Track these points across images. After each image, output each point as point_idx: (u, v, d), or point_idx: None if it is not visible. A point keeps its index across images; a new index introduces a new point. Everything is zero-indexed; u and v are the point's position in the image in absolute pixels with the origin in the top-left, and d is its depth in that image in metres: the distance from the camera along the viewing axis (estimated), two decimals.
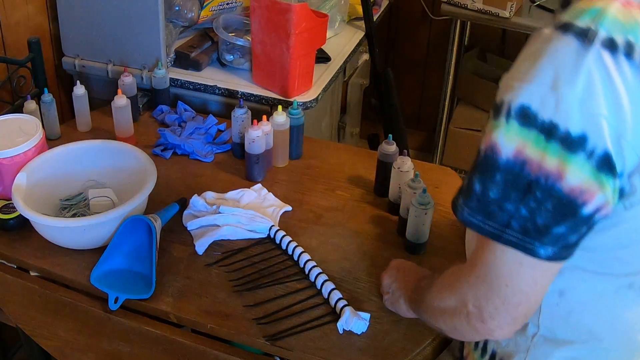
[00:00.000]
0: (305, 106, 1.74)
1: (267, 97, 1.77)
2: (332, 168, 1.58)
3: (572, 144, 0.71)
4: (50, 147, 1.41)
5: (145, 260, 1.23)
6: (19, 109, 1.60)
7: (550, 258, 0.77)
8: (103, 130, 1.66)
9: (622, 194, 0.75)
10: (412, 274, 1.12)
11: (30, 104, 1.55)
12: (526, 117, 0.72)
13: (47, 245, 1.29)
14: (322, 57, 1.94)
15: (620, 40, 0.70)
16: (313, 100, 1.77)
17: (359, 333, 1.13)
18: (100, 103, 1.77)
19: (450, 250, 1.32)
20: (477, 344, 1.02)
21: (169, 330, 1.17)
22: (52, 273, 1.27)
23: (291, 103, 1.63)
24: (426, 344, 1.12)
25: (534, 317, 0.91)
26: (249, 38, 1.81)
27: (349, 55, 2.05)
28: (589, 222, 0.75)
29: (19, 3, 1.77)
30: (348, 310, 1.13)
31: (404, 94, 2.90)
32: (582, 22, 0.72)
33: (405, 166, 1.36)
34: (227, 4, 2.00)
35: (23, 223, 1.32)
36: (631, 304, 0.88)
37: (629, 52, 0.70)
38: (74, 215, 1.35)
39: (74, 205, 1.38)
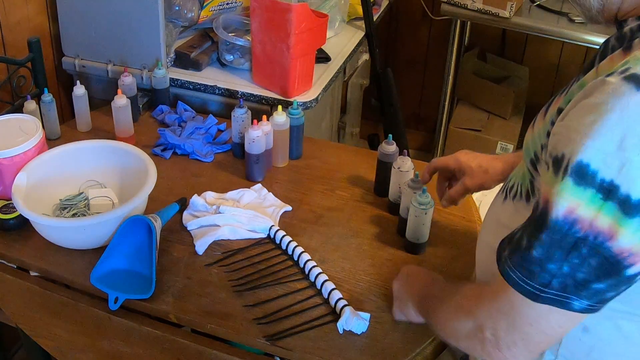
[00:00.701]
0: (305, 106, 1.74)
1: (267, 97, 1.77)
2: (332, 168, 1.58)
3: (632, 208, 0.67)
4: (50, 147, 1.41)
5: (145, 260, 1.23)
6: (19, 109, 1.60)
7: (584, 311, 0.75)
8: (103, 130, 1.66)
9: None
10: (420, 278, 1.10)
11: (30, 104, 1.55)
12: (583, 176, 0.68)
13: (47, 245, 1.29)
14: (322, 57, 1.94)
15: None
16: (313, 100, 1.77)
17: (359, 333, 1.13)
18: (100, 103, 1.77)
19: (450, 251, 1.32)
20: None
21: (169, 330, 1.17)
22: (52, 273, 1.27)
23: (291, 103, 1.63)
24: (426, 344, 1.12)
25: (554, 346, 0.89)
26: (249, 38, 1.81)
27: (349, 55, 2.05)
28: (630, 281, 0.73)
29: (19, 3, 1.77)
30: (348, 310, 1.13)
31: (404, 94, 2.90)
32: None
33: (405, 166, 1.36)
34: (227, 4, 2.00)
35: (23, 223, 1.32)
36: None
37: None
38: (74, 215, 1.35)
39: (74, 205, 1.38)
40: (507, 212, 0.96)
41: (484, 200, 1.50)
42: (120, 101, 1.57)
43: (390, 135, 1.45)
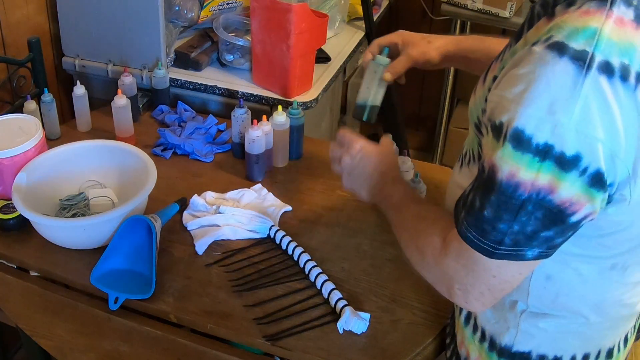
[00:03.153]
0: (305, 106, 1.74)
1: (267, 97, 1.77)
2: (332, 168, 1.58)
3: (566, 163, 0.72)
4: (50, 147, 1.41)
5: (145, 260, 1.23)
6: (19, 109, 1.60)
7: (537, 258, 0.81)
8: (103, 130, 1.66)
9: (609, 201, 0.78)
10: (376, 163, 1.09)
11: (30, 104, 1.55)
12: (520, 142, 0.73)
13: (47, 245, 1.29)
14: (322, 57, 1.94)
15: (616, 63, 0.71)
16: (313, 100, 1.77)
17: (359, 333, 1.13)
18: (100, 103, 1.77)
19: None
20: (467, 320, 1.04)
21: (169, 330, 1.17)
22: (52, 273, 1.27)
23: (291, 103, 1.63)
24: (426, 344, 1.12)
25: (523, 297, 0.94)
26: (249, 38, 1.81)
27: (349, 55, 2.05)
28: (575, 227, 0.79)
29: (19, 3, 1.77)
30: (348, 310, 1.13)
31: (404, 94, 2.90)
32: (577, 44, 0.71)
33: (405, 166, 1.36)
34: (227, 4, 2.00)
35: (23, 223, 1.32)
36: (615, 283, 0.91)
37: (624, 75, 0.71)
38: (74, 215, 1.35)
39: (74, 205, 1.38)
40: (464, 178, 1.00)
41: None
42: (120, 101, 1.57)
43: (390, 135, 1.45)
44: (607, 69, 0.70)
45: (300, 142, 1.59)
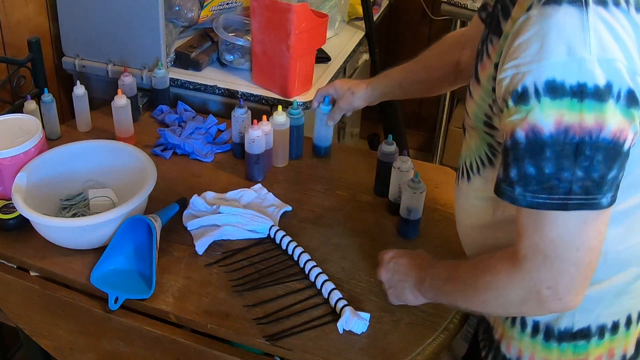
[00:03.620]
0: (305, 106, 1.74)
1: (267, 97, 1.77)
2: (332, 168, 1.58)
3: (602, 94, 0.76)
4: (50, 147, 1.41)
5: (145, 260, 1.23)
6: (19, 109, 1.60)
7: (610, 203, 0.82)
8: (103, 130, 1.66)
9: None
10: (411, 263, 1.12)
11: (30, 104, 1.55)
12: (555, 90, 0.77)
13: (47, 245, 1.29)
14: (322, 57, 1.94)
15: None
16: (313, 100, 1.77)
17: (359, 333, 1.13)
18: (100, 103, 1.77)
19: (448, 249, 1.32)
20: (513, 320, 1.04)
21: (169, 330, 1.17)
22: (52, 273, 1.27)
23: (291, 103, 1.63)
24: (426, 344, 1.12)
25: None
26: (249, 38, 1.81)
27: (349, 55, 2.05)
28: (628, 155, 0.81)
29: (19, 3, 1.77)
30: (348, 310, 1.13)
31: None
32: None
33: (405, 166, 1.36)
34: (227, 4, 2.00)
35: (23, 223, 1.32)
36: None
37: (615, 2, 0.78)
38: (74, 215, 1.35)
39: (74, 205, 1.38)
40: (477, 186, 1.03)
41: None
42: (120, 101, 1.57)
43: (390, 135, 1.45)
44: (601, 0, 0.77)
45: (300, 142, 1.59)
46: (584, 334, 1.00)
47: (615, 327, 1.00)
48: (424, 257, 1.13)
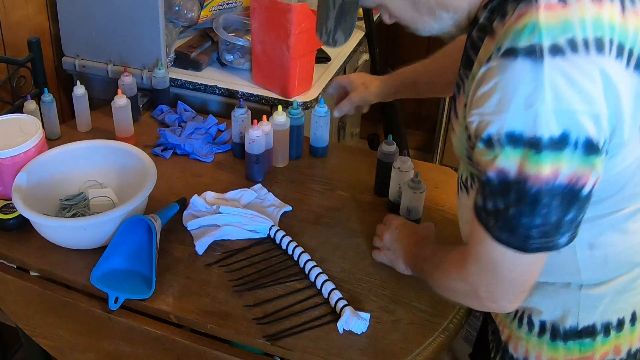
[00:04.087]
0: (305, 106, 1.74)
1: (267, 97, 1.77)
2: (332, 168, 1.58)
3: (558, 144, 0.78)
4: (50, 147, 1.41)
5: (145, 260, 1.23)
6: (19, 109, 1.60)
7: (569, 241, 0.86)
8: (103, 130, 1.66)
9: (607, 155, 0.84)
10: (412, 237, 1.20)
11: (30, 104, 1.55)
12: (515, 141, 0.79)
13: (47, 245, 1.29)
14: (322, 57, 1.94)
15: (562, 41, 0.78)
16: (313, 100, 1.77)
17: (359, 333, 1.13)
18: (100, 103, 1.77)
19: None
20: (520, 320, 1.07)
21: (169, 330, 1.17)
22: (52, 273, 1.27)
23: (291, 103, 1.63)
24: (426, 344, 1.12)
25: (575, 276, 0.99)
26: (249, 38, 1.81)
27: (349, 55, 2.05)
28: (589, 198, 0.83)
29: (19, 3, 1.77)
30: (348, 310, 1.13)
31: None
32: (524, 43, 0.78)
33: (405, 166, 1.36)
34: (227, 4, 2.00)
35: (23, 223, 1.32)
36: None
37: (573, 48, 0.78)
38: (74, 215, 1.35)
39: (74, 205, 1.38)
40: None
41: None
42: (120, 101, 1.57)
43: (390, 136, 1.45)
44: (557, 50, 0.78)
45: (300, 142, 1.59)
46: (590, 331, 1.01)
47: (620, 324, 1.01)
48: (425, 234, 1.22)
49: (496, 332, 1.14)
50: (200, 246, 1.30)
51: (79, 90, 1.63)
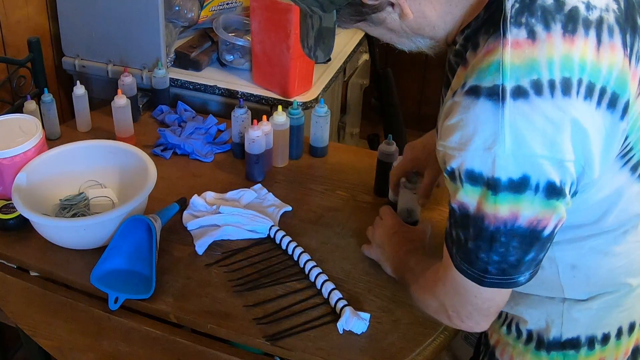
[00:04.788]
0: (305, 106, 1.74)
1: (267, 97, 1.77)
2: (332, 168, 1.58)
3: (517, 187, 0.77)
4: (50, 147, 1.41)
5: (145, 260, 1.23)
6: (19, 109, 1.60)
7: (529, 279, 0.86)
8: (103, 130, 1.66)
9: (575, 194, 0.82)
10: (404, 244, 1.18)
11: (30, 104, 1.55)
12: (474, 179, 0.79)
13: (47, 245, 1.29)
14: None
15: (526, 83, 0.75)
16: (313, 100, 1.77)
17: (359, 333, 1.13)
18: (100, 103, 1.77)
19: None
20: (509, 328, 1.07)
21: (169, 330, 1.17)
22: (52, 273, 1.27)
23: (291, 103, 1.63)
24: (426, 344, 1.12)
25: (559, 292, 0.98)
26: (249, 38, 1.81)
27: (349, 55, 2.05)
28: (551, 238, 0.83)
29: (19, 3, 1.77)
30: (348, 310, 1.13)
31: (404, 94, 2.90)
32: (487, 82, 0.76)
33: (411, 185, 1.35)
34: (227, 4, 2.00)
35: (23, 223, 1.32)
36: (635, 243, 0.95)
37: (538, 90, 0.75)
38: (74, 215, 1.35)
39: (74, 205, 1.38)
40: None
41: None
42: (120, 101, 1.57)
43: (390, 136, 1.45)
44: (520, 92, 0.75)
45: (300, 142, 1.59)
46: (573, 344, 1.00)
47: (605, 338, 1.00)
48: (418, 240, 1.20)
49: (486, 336, 1.15)
50: (200, 246, 1.30)
51: (79, 90, 1.63)
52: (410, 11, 0.85)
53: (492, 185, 0.77)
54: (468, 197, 0.80)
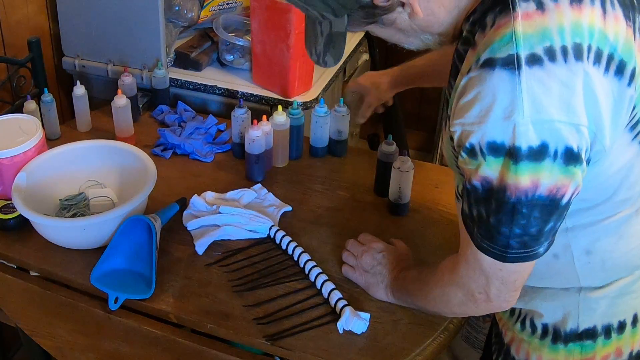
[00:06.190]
0: (305, 106, 1.74)
1: (267, 97, 1.77)
2: (332, 168, 1.58)
3: (537, 155, 0.79)
4: (50, 147, 1.41)
5: (145, 260, 1.23)
6: (19, 109, 1.60)
7: (547, 249, 0.88)
8: (103, 130, 1.66)
9: (589, 163, 0.84)
10: (400, 263, 1.19)
11: (30, 104, 1.55)
12: (496, 150, 0.80)
13: (47, 245, 1.29)
14: None
15: (539, 50, 0.78)
16: (313, 100, 1.77)
17: (359, 333, 1.13)
18: (100, 103, 1.77)
19: (449, 249, 1.31)
20: (523, 324, 1.07)
21: (169, 330, 1.17)
22: (52, 273, 1.27)
23: (291, 103, 1.63)
24: (426, 344, 1.12)
25: (574, 281, 0.99)
26: (249, 38, 1.81)
27: (349, 55, 2.05)
28: (568, 207, 0.85)
29: (19, 3, 1.77)
30: (348, 310, 1.13)
31: (404, 94, 2.89)
32: (502, 53, 0.79)
33: (405, 166, 1.36)
34: (227, 4, 2.00)
35: (23, 223, 1.32)
36: None
37: (551, 57, 0.78)
38: (74, 215, 1.35)
39: (74, 205, 1.38)
40: None
41: None
42: (120, 101, 1.57)
43: (390, 136, 1.45)
44: (534, 59, 0.78)
45: (300, 142, 1.59)
46: (590, 333, 1.01)
47: (621, 326, 1.00)
48: (407, 260, 1.20)
49: (499, 335, 1.15)
50: (200, 246, 1.30)
51: (79, 90, 1.63)
52: (420, 9, 0.87)
53: (513, 155, 0.79)
54: (491, 169, 0.82)
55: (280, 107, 1.53)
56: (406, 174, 1.36)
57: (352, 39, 2.14)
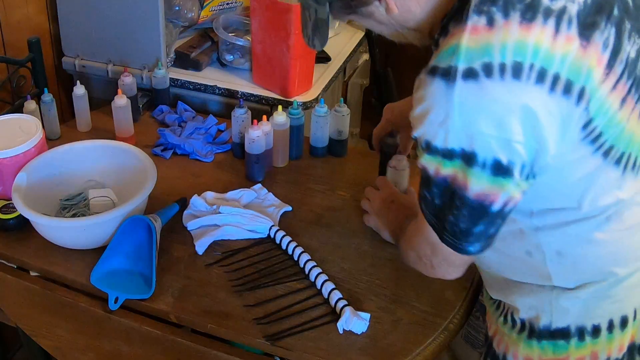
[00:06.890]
0: (305, 106, 1.74)
1: (267, 97, 1.77)
2: (332, 168, 1.58)
3: (468, 159, 0.83)
4: (50, 147, 1.41)
5: (145, 260, 1.23)
6: (19, 109, 1.60)
7: (480, 251, 0.92)
8: (103, 130, 1.66)
9: (534, 176, 0.86)
10: (402, 211, 1.25)
11: (30, 104, 1.55)
12: (431, 149, 0.85)
13: (47, 245, 1.29)
14: (322, 57, 1.94)
15: (477, 65, 0.80)
16: (313, 100, 1.77)
17: (359, 333, 1.13)
18: (100, 103, 1.77)
19: None
20: (505, 317, 1.08)
21: (169, 330, 1.17)
22: (52, 273, 1.27)
23: (291, 103, 1.63)
24: (426, 344, 1.12)
25: (546, 280, 1.00)
26: (249, 38, 1.81)
27: (349, 55, 2.05)
28: (501, 215, 0.88)
29: (19, 3, 1.77)
30: (348, 310, 1.13)
31: (404, 94, 2.89)
32: (444, 63, 0.82)
33: (400, 165, 1.37)
34: (227, 4, 2.00)
35: (23, 223, 1.32)
36: (618, 232, 0.95)
37: (488, 73, 0.79)
38: (74, 215, 1.35)
39: (74, 205, 1.38)
40: None
41: None
42: (120, 101, 1.57)
43: (394, 131, 1.45)
44: (470, 73, 0.80)
45: (300, 142, 1.59)
46: (563, 333, 1.01)
47: (596, 330, 1.00)
48: (414, 207, 1.22)
49: (487, 329, 1.16)
50: (200, 246, 1.30)
51: (79, 90, 1.63)
52: (395, 6, 0.90)
53: (447, 154, 0.84)
54: (427, 162, 0.87)
55: (280, 107, 1.53)
56: (401, 173, 1.37)
57: (352, 39, 2.14)
